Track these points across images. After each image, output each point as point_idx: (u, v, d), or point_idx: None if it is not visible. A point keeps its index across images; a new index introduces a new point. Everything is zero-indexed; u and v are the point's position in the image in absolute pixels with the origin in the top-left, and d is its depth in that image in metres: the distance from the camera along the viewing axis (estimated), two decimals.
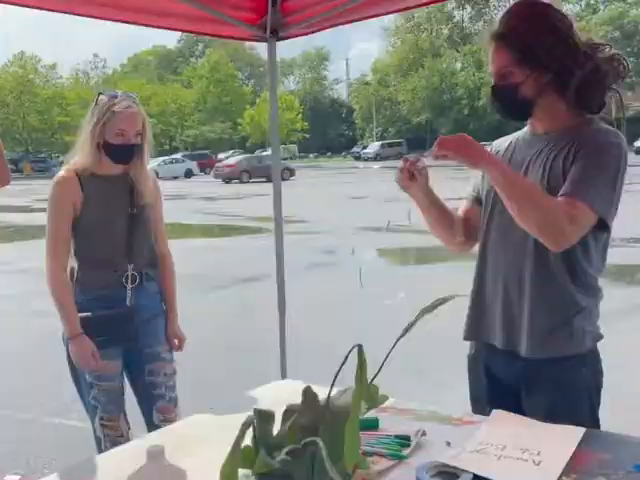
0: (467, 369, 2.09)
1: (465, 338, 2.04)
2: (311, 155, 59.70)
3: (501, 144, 2.04)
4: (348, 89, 74.54)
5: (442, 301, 1.20)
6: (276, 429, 1.19)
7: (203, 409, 1.92)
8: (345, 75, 77.03)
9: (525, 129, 1.99)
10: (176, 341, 2.70)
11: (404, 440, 1.61)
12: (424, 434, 1.64)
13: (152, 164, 39.27)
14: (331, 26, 2.77)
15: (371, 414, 1.83)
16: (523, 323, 1.86)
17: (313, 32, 2.85)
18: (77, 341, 2.45)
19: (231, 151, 50.84)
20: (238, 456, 0.94)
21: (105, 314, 2.49)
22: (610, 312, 2.08)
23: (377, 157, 48.92)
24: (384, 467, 1.51)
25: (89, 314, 2.48)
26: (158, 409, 2.62)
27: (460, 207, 2.11)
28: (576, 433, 1.60)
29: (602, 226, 1.75)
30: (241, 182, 32.37)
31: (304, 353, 5.12)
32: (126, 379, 2.66)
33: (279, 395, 2.13)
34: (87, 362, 2.46)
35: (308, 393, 1.10)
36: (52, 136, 55.91)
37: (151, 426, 2.60)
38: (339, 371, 1.36)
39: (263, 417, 1.07)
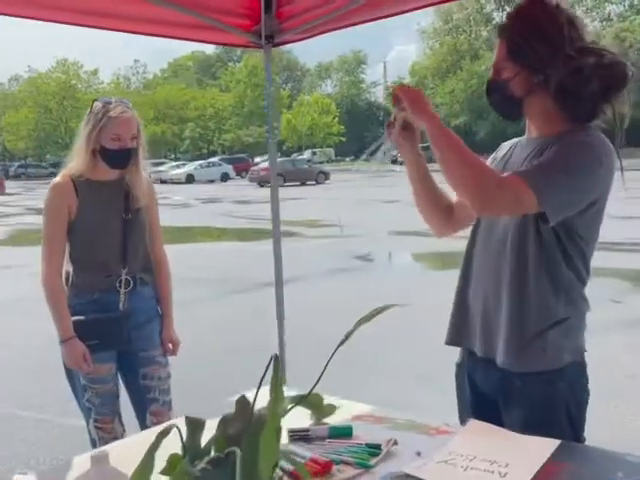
0: (454, 377, 2.06)
1: (447, 343, 2.00)
2: (347, 158, 59.64)
3: (505, 147, 2.01)
4: (385, 92, 74.32)
5: (380, 310, 1.18)
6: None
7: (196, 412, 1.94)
8: (382, 78, 76.76)
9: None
10: (170, 345, 2.72)
11: (374, 449, 1.59)
12: (395, 443, 1.62)
13: (189, 168, 40.36)
14: (328, 31, 2.75)
15: (348, 421, 1.83)
16: (500, 331, 1.81)
17: (309, 37, 2.84)
18: (69, 344, 2.48)
19: (268, 155, 51.00)
20: (149, 466, 0.93)
21: (98, 318, 2.52)
22: (633, 321, 1.99)
23: None
24: (349, 475, 1.49)
25: (82, 318, 2.51)
26: (151, 412, 2.64)
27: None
28: (550, 445, 1.55)
29: (544, 220, 1.68)
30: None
31: (316, 358, 5.12)
32: (121, 382, 2.69)
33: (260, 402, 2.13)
34: (79, 365, 2.48)
35: (240, 402, 1.09)
36: None
37: (145, 429, 2.62)
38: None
39: (193, 425, 1.06)
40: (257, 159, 49.00)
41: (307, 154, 52.25)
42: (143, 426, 2.64)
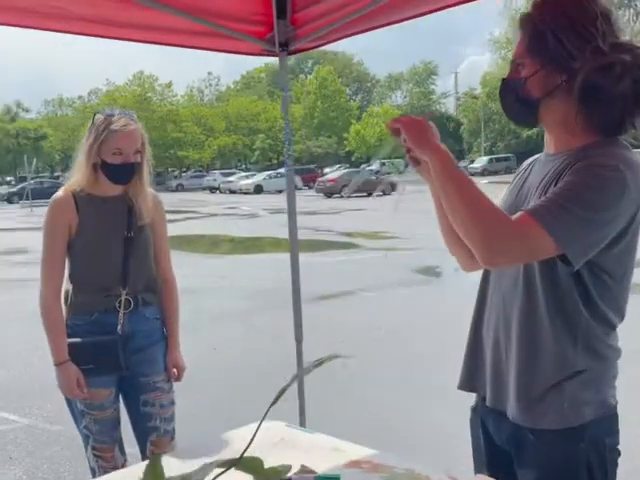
0: (470, 422, 1.82)
1: (458, 387, 1.77)
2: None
3: (525, 164, 1.77)
4: (456, 103, 73.32)
5: (322, 361, 0.98)
6: None
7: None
8: (453, 89, 75.70)
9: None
10: (175, 371, 2.56)
11: None
12: None
13: (257, 178, 40.80)
14: (343, 37, 2.57)
15: (344, 467, 1.65)
16: (510, 380, 1.57)
17: (325, 44, 2.66)
18: (62, 368, 2.36)
19: (337, 165, 51.08)
20: None
21: (93, 341, 2.39)
22: None
23: (484, 172, 47.51)
24: None
25: (78, 340, 2.39)
26: (152, 442, 2.49)
27: None
28: None
29: (567, 262, 1.42)
30: (342, 197, 32.36)
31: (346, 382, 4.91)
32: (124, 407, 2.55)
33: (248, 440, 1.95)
34: (71, 391, 2.36)
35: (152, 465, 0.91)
36: (166, 151, 58.47)
37: (146, 459, 2.47)
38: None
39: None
40: (326, 170, 49.04)
41: (376, 165, 51.94)
42: (144, 456, 2.50)
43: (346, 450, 1.90)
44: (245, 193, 38.53)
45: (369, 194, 32.73)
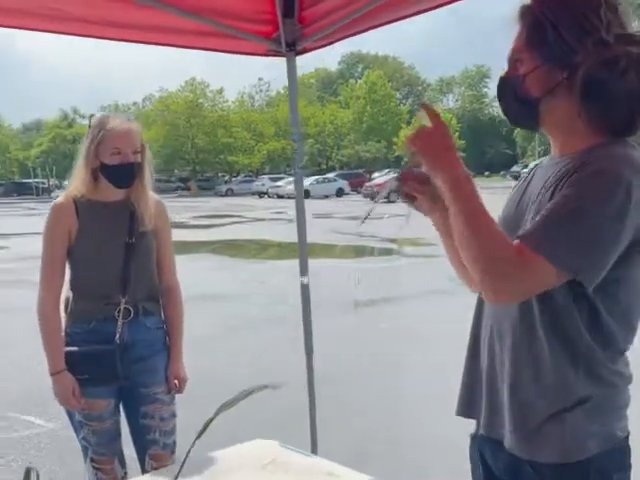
0: (469, 449, 1.68)
1: (456, 413, 1.62)
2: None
3: (527, 170, 1.63)
4: None
5: (247, 394, 0.87)
6: None
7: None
8: None
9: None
10: (176, 382, 2.47)
11: None
12: None
13: (305, 183, 40.66)
14: (351, 35, 2.44)
15: None
16: (504, 408, 1.42)
17: (333, 42, 2.54)
18: (58, 378, 2.30)
19: (386, 170, 50.80)
20: None
21: (90, 350, 2.32)
22: None
23: None
24: None
25: (75, 349, 2.33)
26: (150, 456, 2.41)
27: None
28: None
29: (579, 284, 1.27)
30: (389, 201, 32.10)
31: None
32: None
33: (236, 459, 1.86)
34: (68, 401, 2.30)
35: None
36: (217, 156, 59.20)
37: (145, 473, 2.39)
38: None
39: None
40: (375, 174, 48.80)
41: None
42: (143, 469, 2.42)
43: (341, 476, 1.79)
44: (292, 198, 38.47)
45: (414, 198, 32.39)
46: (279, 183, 43.17)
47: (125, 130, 2.31)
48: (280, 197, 38.81)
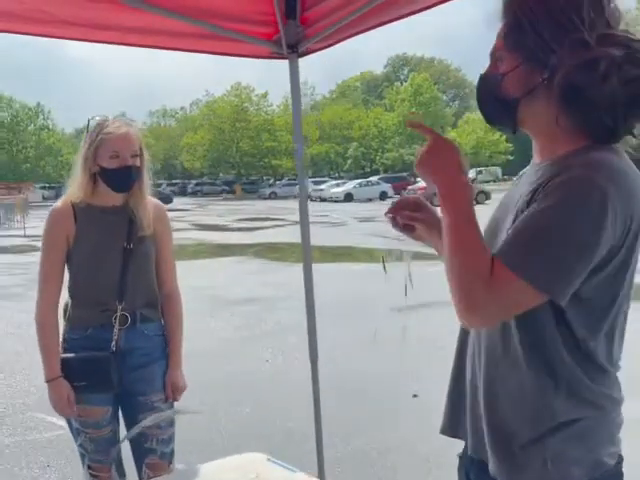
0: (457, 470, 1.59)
1: (440, 431, 1.54)
2: (514, 178, 57.16)
3: (515, 178, 1.55)
4: None
5: (168, 416, 0.81)
6: None
7: None
8: None
9: None
10: (173, 390, 2.42)
11: None
12: None
13: (348, 186, 40.84)
14: (354, 34, 2.36)
15: None
16: (484, 429, 1.33)
17: (335, 43, 2.46)
18: (53, 385, 2.29)
19: None
20: None
21: (85, 357, 2.30)
22: None
23: None
24: None
25: (71, 355, 2.30)
26: (147, 465, 2.37)
27: None
28: None
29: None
30: (432, 204, 31.84)
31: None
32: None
33: (219, 473, 1.82)
34: (62, 409, 2.29)
35: None
36: (261, 160, 59.60)
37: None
38: None
39: None
40: (419, 177, 48.45)
41: (472, 173, 50.81)
42: (140, 478, 2.39)
43: None
44: (335, 201, 38.60)
45: None
46: (322, 186, 43.22)
47: (123, 133, 2.28)
48: (323, 200, 38.82)
